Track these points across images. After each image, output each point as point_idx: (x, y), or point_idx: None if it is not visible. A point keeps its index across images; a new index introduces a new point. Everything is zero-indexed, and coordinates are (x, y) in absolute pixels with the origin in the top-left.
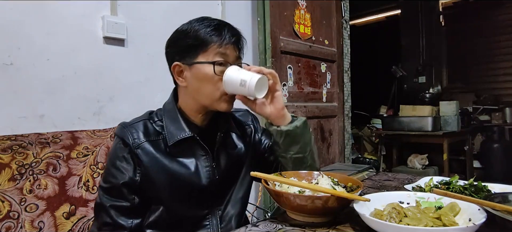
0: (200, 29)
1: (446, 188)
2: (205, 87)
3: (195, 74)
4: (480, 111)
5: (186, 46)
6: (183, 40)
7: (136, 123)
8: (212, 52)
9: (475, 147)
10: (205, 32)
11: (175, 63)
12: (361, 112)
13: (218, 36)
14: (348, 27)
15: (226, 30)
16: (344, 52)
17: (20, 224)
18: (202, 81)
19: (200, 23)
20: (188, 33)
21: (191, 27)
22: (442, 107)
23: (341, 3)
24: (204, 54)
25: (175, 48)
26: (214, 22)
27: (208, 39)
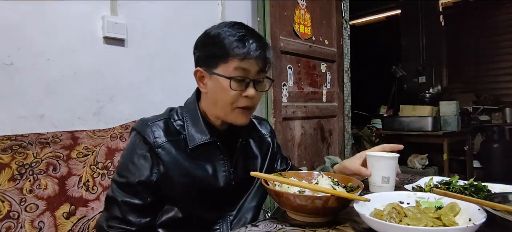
0: (225, 38)
1: (446, 188)
2: (221, 99)
3: (214, 84)
4: (480, 111)
5: (209, 54)
6: (207, 46)
7: (157, 121)
8: (232, 65)
9: (475, 147)
10: (228, 43)
11: (198, 68)
12: (361, 113)
13: (240, 49)
14: (348, 27)
15: (250, 42)
16: (344, 52)
17: (20, 224)
18: (220, 92)
19: (227, 30)
20: (213, 40)
21: (217, 33)
22: (442, 107)
23: (341, 3)
24: (224, 66)
25: (200, 52)
26: (240, 32)
27: (230, 51)
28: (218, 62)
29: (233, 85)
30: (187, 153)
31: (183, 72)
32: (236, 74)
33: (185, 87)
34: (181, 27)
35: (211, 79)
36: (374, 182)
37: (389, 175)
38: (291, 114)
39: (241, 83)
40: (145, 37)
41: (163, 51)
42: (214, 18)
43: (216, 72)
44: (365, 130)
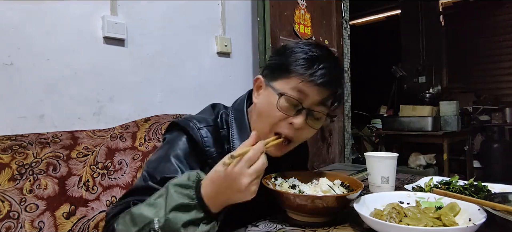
0: (296, 52)
1: (446, 188)
2: (264, 115)
3: (266, 97)
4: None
5: (275, 64)
6: (277, 56)
7: (207, 127)
8: (292, 83)
9: (475, 147)
10: (296, 58)
11: (258, 76)
12: (361, 113)
13: (304, 69)
14: (348, 27)
15: (319, 66)
16: (344, 52)
17: (20, 224)
18: (264, 107)
19: (303, 46)
20: (284, 50)
21: (291, 46)
22: (442, 107)
23: (341, 3)
24: (284, 82)
25: (270, 60)
26: (313, 52)
27: (293, 67)
28: (280, 75)
29: (280, 103)
30: None
31: (183, 72)
32: (291, 95)
33: (185, 87)
34: (181, 27)
35: (266, 91)
36: (374, 182)
37: (389, 175)
38: None
39: (291, 107)
40: (145, 37)
41: (163, 51)
42: (214, 18)
43: (272, 85)
44: (365, 130)
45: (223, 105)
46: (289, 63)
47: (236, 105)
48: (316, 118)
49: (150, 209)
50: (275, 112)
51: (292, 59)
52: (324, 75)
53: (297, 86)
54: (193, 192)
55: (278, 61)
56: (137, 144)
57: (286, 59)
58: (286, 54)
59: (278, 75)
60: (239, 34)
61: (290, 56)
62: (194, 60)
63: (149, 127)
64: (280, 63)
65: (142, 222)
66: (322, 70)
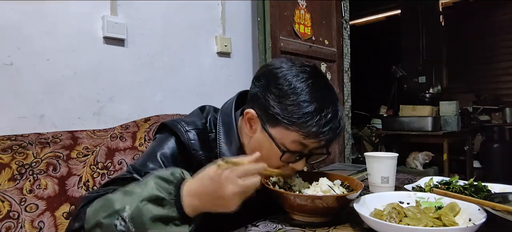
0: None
1: (446, 188)
2: (266, 158)
3: (261, 140)
4: (480, 111)
5: (270, 108)
6: (271, 96)
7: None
8: (292, 137)
9: (475, 147)
10: (297, 112)
11: (250, 111)
12: (361, 113)
13: (308, 128)
14: (348, 27)
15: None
16: (344, 52)
17: (20, 224)
18: (264, 152)
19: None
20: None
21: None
22: (442, 107)
23: (341, 3)
24: (283, 131)
25: (261, 94)
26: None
27: (295, 123)
28: (278, 124)
29: (284, 158)
30: None
31: (183, 72)
32: (292, 148)
33: (185, 87)
34: (181, 27)
35: (261, 133)
36: (374, 182)
37: (389, 175)
38: None
39: (293, 157)
40: (145, 37)
41: (163, 51)
42: (214, 18)
43: (271, 133)
44: (365, 130)
45: (213, 107)
46: (289, 117)
47: (224, 110)
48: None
49: (124, 196)
50: (276, 159)
51: (293, 112)
52: (329, 133)
53: (301, 141)
54: (173, 187)
55: (274, 109)
56: (137, 144)
57: (285, 110)
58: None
59: (275, 123)
60: (239, 34)
61: (290, 106)
62: (194, 60)
63: (149, 127)
64: (277, 113)
65: (112, 208)
66: (326, 128)
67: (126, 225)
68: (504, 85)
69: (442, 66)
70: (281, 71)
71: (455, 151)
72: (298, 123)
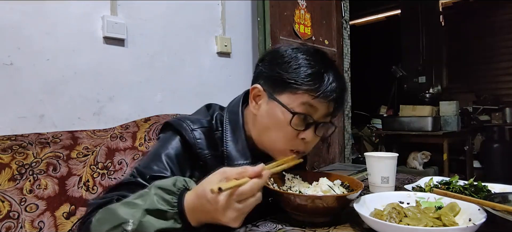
0: (299, 66)
1: (446, 188)
2: (274, 131)
3: (270, 110)
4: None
5: (276, 75)
6: (275, 67)
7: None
8: (300, 99)
9: (475, 147)
10: (302, 73)
11: (256, 85)
12: (361, 113)
13: (314, 85)
14: (348, 27)
15: (330, 81)
16: (344, 52)
17: (20, 224)
18: (273, 123)
19: (304, 58)
20: (287, 61)
21: (292, 57)
22: (442, 107)
23: (341, 3)
24: (290, 96)
25: (265, 69)
26: (318, 66)
27: (302, 83)
28: (285, 89)
29: (294, 122)
30: None
31: (183, 72)
32: (301, 111)
33: (185, 88)
34: (181, 27)
35: (268, 104)
36: (374, 182)
37: (389, 175)
38: None
39: (302, 122)
40: (145, 37)
41: (163, 51)
42: (214, 18)
43: (278, 99)
44: (365, 130)
45: (219, 106)
46: (296, 79)
47: (231, 107)
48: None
49: (127, 209)
50: (286, 128)
51: (298, 74)
52: (334, 90)
53: (307, 102)
54: (175, 199)
55: (280, 75)
56: (137, 144)
57: (291, 73)
58: (288, 67)
59: (282, 89)
60: (239, 34)
61: (294, 70)
62: (194, 60)
63: (149, 127)
64: (284, 78)
65: (117, 221)
66: (331, 85)
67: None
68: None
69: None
70: (281, 47)
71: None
72: (305, 82)
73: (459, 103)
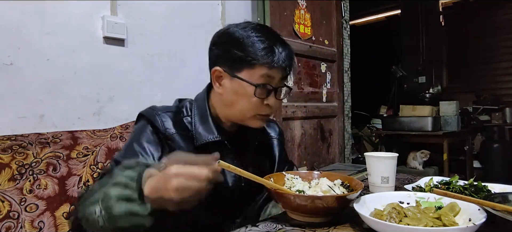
0: (254, 43)
1: (446, 188)
2: (241, 104)
3: (234, 87)
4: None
5: (234, 56)
6: (230, 47)
7: (166, 112)
8: (258, 72)
9: (475, 147)
10: (258, 48)
11: (216, 68)
12: (361, 112)
13: (269, 58)
14: (348, 27)
15: (280, 51)
16: (344, 52)
17: (20, 224)
18: (239, 97)
19: (254, 33)
20: (238, 41)
21: (243, 35)
22: (442, 107)
23: (341, 3)
24: (249, 71)
25: (221, 52)
26: (268, 40)
27: (258, 58)
28: (243, 66)
29: (258, 93)
30: (196, 150)
31: (183, 72)
32: (261, 82)
33: (185, 87)
34: (181, 27)
35: (231, 82)
36: (374, 182)
37: (389, 175)
38: (291, 114)
39: (264, 91)
40: (145, 37)
41: (163, 51)
42: (214, 18)
43: (240, 77)
44: (365, 130)
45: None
46: (254, 56)
47: (198, 96)
48: (281, 91)
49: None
50: (252, 99)
51: (255, 51)
52: (285, 58)
53: (265, 73)
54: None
55: (238, 54)
56: None
57: (248, 51)
58: (245, 47)
59: (241, 67)
60: None
61: (251, 48)
62: (194, 60)
63: None
64: (242, 56)
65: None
66: (282, 54)
67: (100, 209)
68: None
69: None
70: (231, 28)
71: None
72: (260, 56)
73: (459, 103)
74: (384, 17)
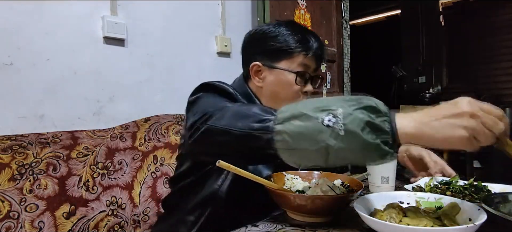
0: (287, 35)
1: (446, 188)
2: (282, 93)
3: (274, 78)
4: None
5: (270, 49)
6: (266, 42)
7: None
8: (296, 61)
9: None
10: (292, 40)
11: (255, 63)
12: None
13: (304, 47)
14: (348, 27)
15: (312, 42)
16: (344, 52)
17: (20, 224)
18: (280, 86)
19: (286, 28)
20: (273, 36)
21: (276, 30)
22: None
23: (341, 3)
24: (288, 61)
25: (258, 48)
26: (301, 31)
27: (295, 48)
28: (282, 57)
29: (298, 80)
30: None
31: (183, 72)
32: (300, 69)
33: (185, 87)
34: (181, 27)
35: (271, 74)
36: (374, 182)
37: (389, 175)
38: None
39: (303, 80)
40: (145, 37)
41: (163, 51)
42: (214, 18)
43: (280, 67)
44: None
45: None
46: (289, 45)
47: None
48: (316, 81)
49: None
50: (293, 87)
51: (291, 42)
52: (318, 47)
53: (304, 62)
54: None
55: (275, 46)
56: (137, 144)
57: (283, 42)
58: (280, 40)
59: (279, 58)
60: (239, 34)
61: (286, 39)
62: (194, 60)
63: (149, 127)
64: (280, 47)
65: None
66: (315, 44)
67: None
68: (504, 85)
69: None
70: (263, 27)
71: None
72: (297, 45)
73: None
74: (384, 17)
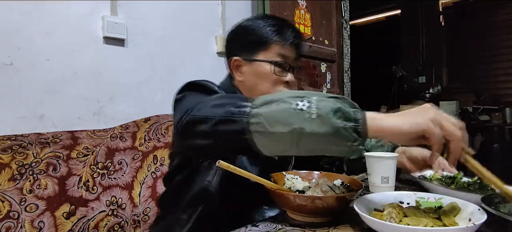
0: (263, 27)
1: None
2: (262, 84)
3: (253, 71)
4: (480, 111)
5: (247, 42)
6: (244, 36)
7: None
8: (273, 51)
9: (475, 147)
10: (268, 31)
11: (234, 58)
12: None
13: (280, 37)
14: (348, 27)
15: (289, 31)
16: (344, 52)
17: (20, 224)
18: (260, 78)
19: (264, 21)
20: (250, 30)
21: (254, 24)
22: (442, 107)
23: (341, 3)
24: (265, 53)
25: (236, 42)
26: (278, 22)
27: (270, 38)
28: (259, 49)
29: (276, 70)
30: None
31: (183, 72)
32: (278, 59)
33: None
34: (181, 27)
35: (251, 66)
36: (374, 182)
37: (389, 175)
38: None
39: (282, 70)
40: (145, 37)
41: (163, 51)
42: (214, 18)
43: (257, 59)
44: None
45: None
46: (267, 37)
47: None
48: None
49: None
50: (271, 77)
51: (267, 33)
52: (295, 36)
53: (281, 52)
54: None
55: (252, 39)
56: (137, 144)
57: (260, 35)
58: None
59: (258, 49)
60: None
61: (263, 31)
62: (194, 60)
63: (149, 127)
64: (256, 40)
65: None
66: (292, 33)
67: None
68: (504, 85)
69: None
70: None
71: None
72: (274, 36)
73: (459, 103)
74: (384, 17)
